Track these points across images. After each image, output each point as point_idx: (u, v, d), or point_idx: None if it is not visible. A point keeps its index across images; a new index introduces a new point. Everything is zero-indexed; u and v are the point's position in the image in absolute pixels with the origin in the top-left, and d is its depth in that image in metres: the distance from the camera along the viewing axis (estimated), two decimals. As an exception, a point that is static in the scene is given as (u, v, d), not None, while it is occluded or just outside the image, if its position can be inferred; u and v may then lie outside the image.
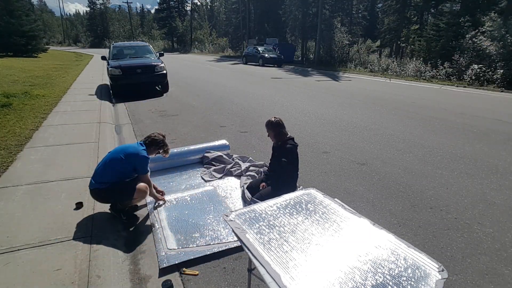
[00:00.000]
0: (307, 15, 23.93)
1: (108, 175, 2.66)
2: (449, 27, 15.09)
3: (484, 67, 12.09)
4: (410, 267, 1.27)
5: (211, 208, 3.02)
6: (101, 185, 2.63)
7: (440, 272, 1.23)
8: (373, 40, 31.14)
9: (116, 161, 2.70)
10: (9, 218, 2.64)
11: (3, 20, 21.26)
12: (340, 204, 1.76)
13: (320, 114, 6.91)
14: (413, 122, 6.22)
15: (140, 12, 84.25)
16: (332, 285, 1.18)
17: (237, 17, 36.31)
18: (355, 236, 1.48)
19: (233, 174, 3.76)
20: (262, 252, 1.35)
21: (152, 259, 2.29)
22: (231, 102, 8.19)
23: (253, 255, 1.35)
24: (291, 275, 1.22)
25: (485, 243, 2.50)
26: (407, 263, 1.29)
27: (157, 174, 3.76)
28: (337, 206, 1.73)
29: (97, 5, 56.55)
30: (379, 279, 1.20)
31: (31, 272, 2.04)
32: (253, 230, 1.51)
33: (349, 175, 3.79)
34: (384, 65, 17.00)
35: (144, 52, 10.59)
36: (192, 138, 5.19)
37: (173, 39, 49.99)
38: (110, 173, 2.67)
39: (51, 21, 76.28)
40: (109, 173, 2.67)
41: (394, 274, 1.23)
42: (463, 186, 3.48)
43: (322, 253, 1.36)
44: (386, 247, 1.39)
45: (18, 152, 4.14)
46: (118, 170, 2.69)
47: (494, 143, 4.95)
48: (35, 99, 7.49)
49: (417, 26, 21.92)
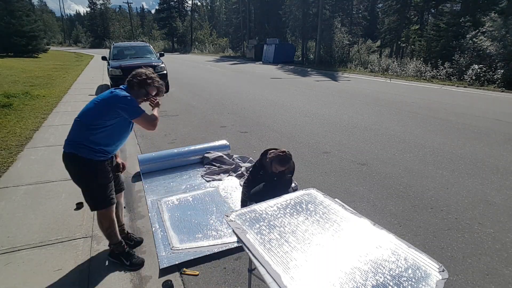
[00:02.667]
0: (308, 15, 23.92)
1: (80, 128, 1.99)
2: (449, 27, 15.08)
3: (484, 67, 12.07)
4: (411, 267, 1.27)
5: (213, 208, 3.02)
6: (74, 146, 1.98)
7: (440, 273, 1.23)
8: (373, 40, 31.12)
9: (89, 109, 2.00)
10: (10, 218, 2.64)
11: (4, 20, 21.30)
12: (340, 204, 1.76)
13: (320, 114, 6.91)
14: (414, 122, 6.22)
15: (140, 12, 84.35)
16: (332, 285, 1.18)
17: (238, 17, 36.31)
18: (356, 236, 1.48)
19: (234, 174, 3.76)
20: (263, 252, 1.36)
21: (153, 259, 2.29)
22: (231, 102, 8.19)
23: (254, 255, 1.35)
24: (292, 275, 1.22)
25: (486, 243, 2.50)
26: (408, 263, 1.29)
27: (157, 174, 3.76)
28: (337, 206, 1.73)
29: (98, 6, 56.63)
30: (379, 279, 1.20)
31: (31, 272, 2.04)
32: (253, 230, 1.51)
33: (350, 175, 3.79)
34: (384, 65, 16.97)
35: (144, 53, 10.61)
36: (193, 138, 5.19)
37: (174, 40, 49.98)
38: (84, 125, 1.98)
39: (51, 22, 76.29)
40: (81, 127, 1.99)
41: (394, 274, 1.23)
42: (463, 186, 3.48)
43: (323, 253, 1.36)
44: (387, 248, 1.39)
45: (19, 152, 4.14)
46: (93, 117, 1.97)
47: (495, 143, 4.94)
48: (36, 100, 7.50)
49: (418, 26, 21.89)
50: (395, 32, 23.07)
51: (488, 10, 15.14)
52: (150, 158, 3.86)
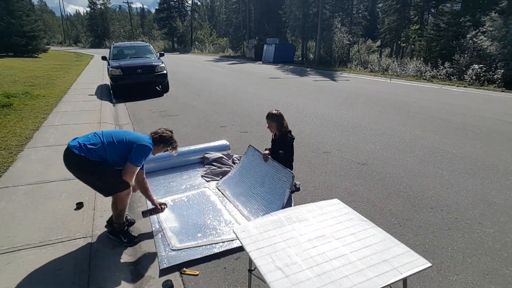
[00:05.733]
0: (308, 15, 23.90)
1: (100, 148, 2.21)
2: (449, 27, 15.06)
3: (484, 67, 12.06)
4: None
5: (210, 208, 3.02)
6: (87, 153, 2.16)
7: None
8: (374, 40, 31.10)
9: (116, 140, 2.28)
10: (10, 218, 2.64)
11: (4, 20, 21.30)
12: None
13: (320, 114, 6.91)
14: (414, 122, 6.22)
15: (140, 12, 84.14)
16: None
17: (238, 17, 36.29)
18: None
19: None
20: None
21: (152, 259, 2.29)
22: (231, 102, 8.19)
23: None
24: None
25: (486, 243, 2.50)
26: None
27: (158, 174, 3.76)
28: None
29: (98, 5, 56.60)
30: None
31: (31, 272, 2.04)
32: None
33: (350, 175, 3.79)
34: (384, 65, 16.96)
35: (144, 52, 10.60)
36: (193, 138, 5.19)
37: (174, 39, 49.95)
38: (104, 147, 2.22)
39: (51, 21, 76.40)
40: (102, 147, 2.22)
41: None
42: (463, 186, 3.48)
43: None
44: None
45: (19, 152, 4.14)
46: (114, 149, 2.25)
47: (495, 143, 4.94)
48: (36, 99, 7.50)
49: (418, 26, 21.85)
50: (395, 32, 23.06)
51: (488, 9, 15.12)
52: (150, 158, 3.84)
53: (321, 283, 1.24)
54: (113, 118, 6.47)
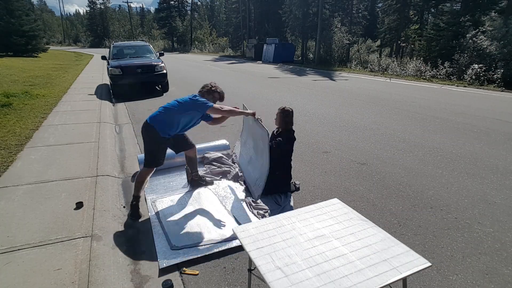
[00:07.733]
0: (307, 14, 23.90)
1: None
2: (449, 27, 15.06)
3: (484, 67, 12.07)
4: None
5: (210, 208, 3.02)
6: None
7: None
8: (373, 39, 31.10)
9: (175, 108, 2.85)
10: (10, 217, 2.64)
11: (3, 19, 21.27)
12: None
13: (320, 113, 6.91)
14: (413, 122, 6.22)
15: (140, 12, 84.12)
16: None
17: (237, 16, 36.29)
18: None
19: (233, 174, 3.76)
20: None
21: (152, 259, 2.29)
22: (231, 102, 8.16)
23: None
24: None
25: (486, 243, 2.50)
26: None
27: (157, 174, 3.76)
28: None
29: (97, 5, 56.56)
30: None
31: (31, 272, 2.04)
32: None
33: (349, 175, 3.79)
34: (384, 64, 16.97)
35: (144, 52, 10.59)
36: (192, 138, 5.14)
37: (173, 39, 49.94)
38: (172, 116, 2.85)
39: (51, 21, 76.36)
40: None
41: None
42: (463, 186, 3.48)
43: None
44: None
45: (19, 152, 4.14)
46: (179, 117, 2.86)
47: (495, 143, 4.94)
48: (35, 99, 7.49)
49: (417, 26, 21.87)
50: (395, 31, 23.07)
51: (488, 9, 15.14)
52: None
53: (321, 283, 1.24)
54: (113, 118, 6.47)
